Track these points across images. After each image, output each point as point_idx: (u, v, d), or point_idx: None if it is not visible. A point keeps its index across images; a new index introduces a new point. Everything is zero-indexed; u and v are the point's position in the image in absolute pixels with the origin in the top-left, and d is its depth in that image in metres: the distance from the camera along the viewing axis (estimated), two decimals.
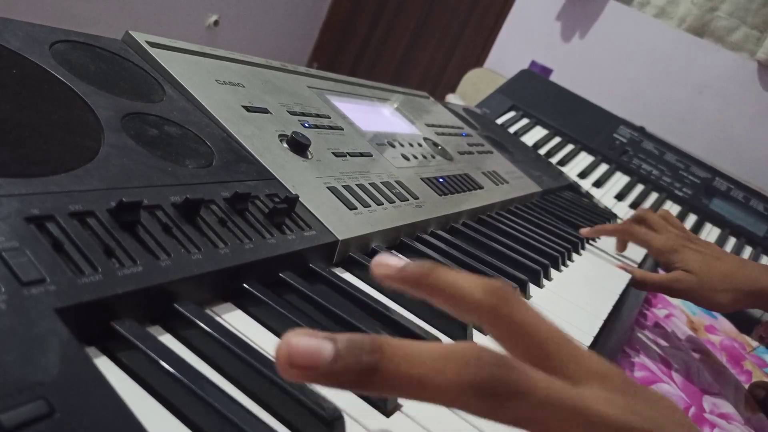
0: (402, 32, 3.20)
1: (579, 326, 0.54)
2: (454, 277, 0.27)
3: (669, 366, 0.64)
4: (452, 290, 0.26)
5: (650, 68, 2.01)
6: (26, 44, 0.41)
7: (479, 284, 0.26)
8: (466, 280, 0.26)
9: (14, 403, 0.21)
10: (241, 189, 0.40)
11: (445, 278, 0.27)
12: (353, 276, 0.47)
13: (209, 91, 0.52)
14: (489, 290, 0.26)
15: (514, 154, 1.06)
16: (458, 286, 0.26)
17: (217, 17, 2.90)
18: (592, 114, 1.46)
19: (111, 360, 0.28)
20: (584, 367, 0.24)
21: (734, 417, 0.60)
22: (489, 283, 0.26)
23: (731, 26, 1.86)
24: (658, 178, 1.31)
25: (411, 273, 0.27)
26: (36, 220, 0.29)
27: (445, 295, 0.26)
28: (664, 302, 0.83)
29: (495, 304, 0.25)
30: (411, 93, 0.96)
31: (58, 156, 0.34)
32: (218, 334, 0.31)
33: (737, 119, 1.90)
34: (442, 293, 0.27)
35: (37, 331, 0.24)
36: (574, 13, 2.14)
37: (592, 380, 0.24)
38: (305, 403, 0.29)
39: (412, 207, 0.59)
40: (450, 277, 0.27)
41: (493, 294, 0.26)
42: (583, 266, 0.73)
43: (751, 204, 1.27)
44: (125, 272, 0.30)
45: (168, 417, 0.27)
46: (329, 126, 0.62)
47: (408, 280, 0.27)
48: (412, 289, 0.27)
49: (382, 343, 0.22)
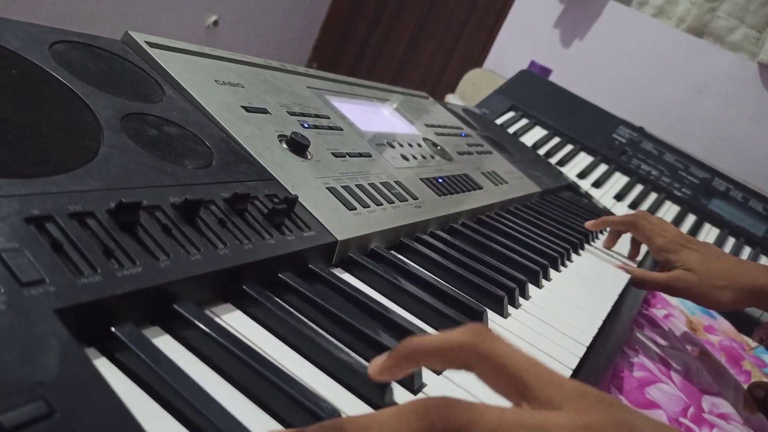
0: (402, 32, 3.20)
1: (578, 326, 0.54)
2: (432, 336, 0.30)
3: (668, 366, 0.64)
4: (437, 345, 0.29)
5: (650, 68, 2.01)
6: (26, 44, 0.41)
7: (456, 332, 0.29)
8: (444, 334, 0.29)
9: (14, 403, 0.21)
10: (241, 189, 0.40)
11: (425, 339, 0.30)
12: (352, 276, 0.47)
13: (209, 91, 0.52)
14: (467, 332, 0.28)
15: (513, 155, 1.06)
16: (440, 340, 0.29)
17: (216, 17, 2.90)
18: (592, 114, 1.46)
19: (110, 361, 0.28)
20: (562, 390, 0.26)
21: (733, 417, 0.60)
22: (464, 328, 0.29)
23: (730, 26, 1.86)
24: (657, 179, 1.31)
25: (398, 354, 0.31)
26: (35, 220, 0.29)
27: (434, 352, 0.29)
28: (663, 302, 0.83)
29: (474, 341, 0.28)
30: (410, 93, 0.96)
31: (58, 156, 0.34)
32: (217, 334, 0.31)
33: (737, 119, 1.90)
34: (430, 353, 0.29)
35: (37, 331, 0.24)
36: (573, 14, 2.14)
37: (570, 401, 0.25)
38: (303, 403, 0.29)
39: (412, 207, 0.59)
40: (428, 337, 0.30)
41: (471, 334, 0.28)
42: (583, 266, 0.73)
43: (750, 204, 1.27)
44: (125, 273, 0.30)
45: (167, 417, 0.27)
46: (329, 126, 0.62)
47: (400, 360, 0.31)
48: (408, 367, 0.31)
49: (343, 425, 0.25)
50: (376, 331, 0.38)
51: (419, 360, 0.30)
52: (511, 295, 0.53)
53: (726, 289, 0.65)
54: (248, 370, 0.30)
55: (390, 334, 0.39)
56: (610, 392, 0.55)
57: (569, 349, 0.49)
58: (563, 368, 0.46)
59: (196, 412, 0.26)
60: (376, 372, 0.32)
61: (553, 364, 0.46)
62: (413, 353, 0.30)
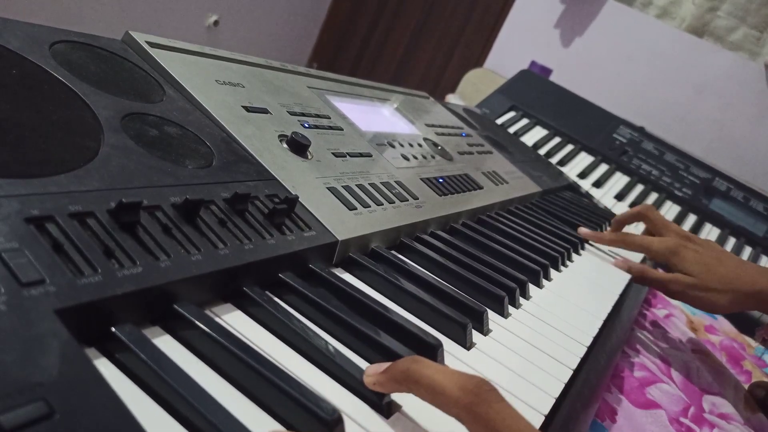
0: (402, 32, 3.20)
1: (579, 326, 0.54)
2: (433, 372, 0.29)
3: (669, 366, 0.64)
4: (432, 387, 0.29)
5: (650, 68, 2.01)
6: (26, 44, 0.41)
7: (457, 381, 0.28)
8: (445, 376, 0.29)
9: (14, 404, 0.21)
10: (241, 189, 0.40)
11: (424, 373, 0.29)
12: (353, 276, 0.47)
13: (209, 91, 0.52)
14: (466, 388, 0.28)
15: (513, 155, 1.06)
16: (436, 383, 0.28)
17: (217, 17, 2.90)
18: (592, 114, 1.46)
19: (110, 361, 0.28)
20: None
21: (734, 417, 0.60)
22: (466, 380, 0.28)
23: (731, 26, 1.86)
24: (657, 179, 1.31)
25: (393, 374, 0.30)
26: (36, 220, 0.29)
27: (426, 391, 0.29)
28: (664, 302, 0.83)
29: (471, 402, 0.27)
30: (411, 93, 0.96)
31: (58, 156, 0.34)
32: (218, 335, 0.31)
33: (737, 119, 1.90)
34: (423, 390, 0.29)
35: (37, 332, 0.24)
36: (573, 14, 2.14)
37: None
38: (305, 404, 0.29)
39: (412, 207, 0.59)
40: (428, 372, 0.29)
41: (469, 392, 0.28)
42: (583, 266, 0.73)
43: (751, 204, 1.27)
44: (125, 273, 0.30)
45: (167, 418, 0.27)
46: (329, 126, 0.62)
47: (394, 380, 0.30)
48: (401, 389, 0.31)
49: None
50: (377, 331, 0.38)
51: (412, 390, 0.30)
52: (511, 295, 0.53)
53: (724, 292, 0.65)
54: (248, 370, 0.30)
55: (390, 334, 0.39)
56: (610, 392, 0.55)
57: (570, 349, 0.49)
58: (564, 368, 0.46)
59: (196, 412, 0.26)
60: (369, 383, 0.32)
61: (554, 364, 0.46)
62: (408, 381, 0.30)
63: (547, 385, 0.42)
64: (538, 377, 0.43)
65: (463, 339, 0.43)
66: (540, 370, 0.44)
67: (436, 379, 0.29)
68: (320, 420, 0.28)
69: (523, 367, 0.44)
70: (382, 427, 0.32)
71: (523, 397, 0.40)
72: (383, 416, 0.32)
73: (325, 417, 0.28)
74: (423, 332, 0.40)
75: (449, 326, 0.44)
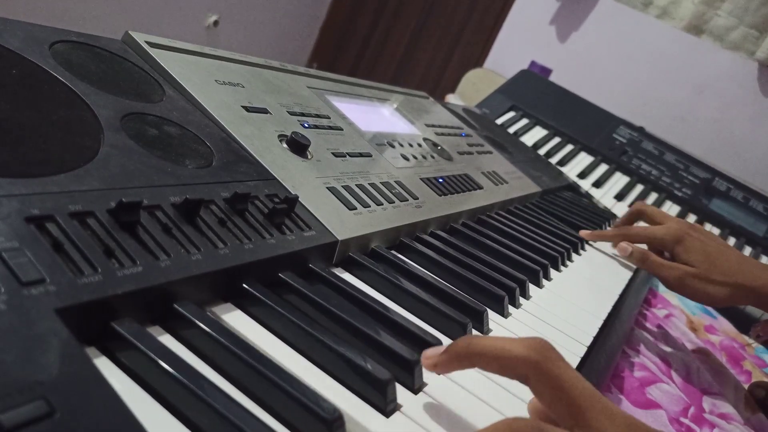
0: (402, 32, 3.20)
1: (579, 326, 0.54)
2: (493, 341, 0.30)
3: (669, 366, 0.64)
4: (497, 352, 0.30)
5: (650, 68, 2.01)
6: (26, 44, 0.41)
7: (521, 342, 0.30)
8: (507, 342, 0.30)
9: (14, 403, 0.21)
10: (241, 189, 0.40)
11: (486, 344, 0.30)
12: (353, 276, 0.47)
13: (209, 91, 0.52)
14: (531, 347, 0.29)
15: (513, 155, 1.06)
16: (501, 348, 0.30)
17: (217, 17, 2.90)
18: (592, 114, 1.46)
19: (111, 360, 0.28)
20: (613, 423, 0.27)
21: (734, 417, 0.60)
22: (530, 340, 0.30)
23: (730, 25, 1.86)
24: (657, 179, 1.31)
25: (455, 352, 0.31)
26: (36, 220, 0.29)
27: (492, 358, 0.30)
28: (664, 302, 0.83)
29: (537, 359, 0.29)
30: (411, 93, 0.96)
31: (58, 156, 0.34)
32: (218, 334, 0.31)
33: (737, 119, 1.90)
34: (489, 358, 0.30)
35: (37, 331, 0.24)
36: (573, 14, 2.14)
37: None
38: (305, 403, 0.29)
39: (412, 207, 0.59)
40: (489, 341, 0.31)
41: (535, 350, 0.29)
42: (583, 266, 0.73)
43: (751, 204, 1.27)
44: (125, 272, 0.30)
45: (167, 417, 0.27)
46: (329, 126, 0.62)
47: (455, 358, 0.31)
48: (463, 367, 0.32)
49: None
50: (377, 331, 0.38)
51: (476, 362, 0.31)
52: (511, 295, 0.53)
53: (724, 285, 0.65)
54: (249, 369, 0.30)
55: (390, 334, 0.39)
56: (610, 392, 0.55)
57: (570, 349, 0.49)
58: None
59: (213, 411, 0.26)
60: (429, 365, 0.33)
61: None
62: (471, 355, 0.31)
63: None
64: None
65: None
66: None
67: (502, 345, 0.30)
68: (321, 419, 0.28)
69: None
70: (382, 426, 0.32)
71: (524, 396, 0.39)
72: (384, 415, 0.32)
73: (325, 416, 0.28)
74: (423, 332, 0.40)
75: (449, 326, 0.44)
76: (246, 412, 0.27)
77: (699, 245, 0.68)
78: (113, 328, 0.29)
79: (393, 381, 0.33)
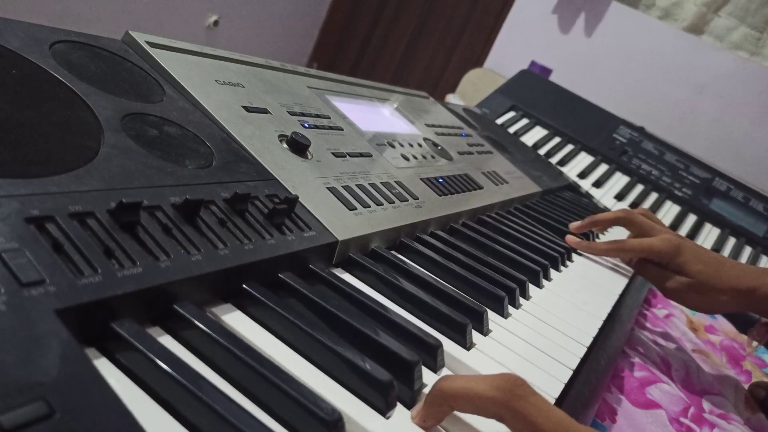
0: (402, 32, 3.20)
1: (579, 326, 0.54)
2: (464, 382, 0.31)
3: (669, 366, 0.64)
4: (467, 394, 0.30)
5: (650, 68, 2.01)
6: (26, 44, 0.41)
7: (489, 382, 0.30)
8: (478, 382, 0.30)
9: (14, 403, 0.21)
10: (241, 189, 0.40)
11: (457, 386, 0.31)
12: (353, 277, 0.47)
13: (209, 91, 0.52)
14: (499, 387, 0.29)
15: (513, 154, 1.06)
16: (470, 389, 0.30)
17: (217, 17, 2.90)
18: (592, 114, 1.46)
19: (110, 361, 0.28)
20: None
21: (734, 417, 0.60)
22: (499, 379, 0.30)
23: (730, 26, 1.86)
24: (657, 179, 1.31)
25: (430, 401, 0.32)
26: (36, 220, 0.29)
27: (464, 401, 0.30)
28: (664, 302, 0.83)
29: (506, 399, 0.29)
30: (411, 93, 0.96)
31: (58, 156, 0.34)
32: (218, 335, 0.31)
33: (737, 119, 1.90)
34: (461, 401, 0.30)
35: (37, 331, 0.24)
36: (573, 13, 2.14)
37: None
38: (304, 404, 0.29)
39: (412, 207, 0.59)
40: (459, 383, 0.31)
41: (502, 390, 0.29)
42: (583, 266, 0.73)
43: (751, 204, 1.27)
44: (125, 273, 0.30)
45: (167, 418, 0.27)
46: (329, 126, 0.62)
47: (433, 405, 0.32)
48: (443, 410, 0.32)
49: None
50: (376, 331, 0.38)
51: (453, 406, 0.31)
52: (511, 295, 0.53)
53: (723, 293, 0.64)
54: (248, 370, 0.30)
55: (390, 334, 0.39)
56: (610, 392, 0.55)
57: (569, 349, 0.49)
58: (563, 368, 0.46)
59: (212, 411, 0.26)
60: (419, 423, 0.33)
61: (554, 365, 0.46)
62: (445, 400, 0.31)
63: (547, 386, 0.42)
64: (538, 377, 0.43)
65: (463, 339, 0.43)
66: (540, 371, 0.44)
67: (471, 387, 0.30)
68: (320, 420, 0.28)
69: (522, 368, 0.44)
70: (382, 427, 0.32)
71: None
72: (383, 416, 0.32)
73: (324, 417, 0.28)
74: (423, 332, 0.40)
75: (449, 326, 0.44)
76: (245, 413, 0.27)
77: (697, 256, 0.67)
78: (113, 329, 0.29)
79: (393, 381, 0.33)
